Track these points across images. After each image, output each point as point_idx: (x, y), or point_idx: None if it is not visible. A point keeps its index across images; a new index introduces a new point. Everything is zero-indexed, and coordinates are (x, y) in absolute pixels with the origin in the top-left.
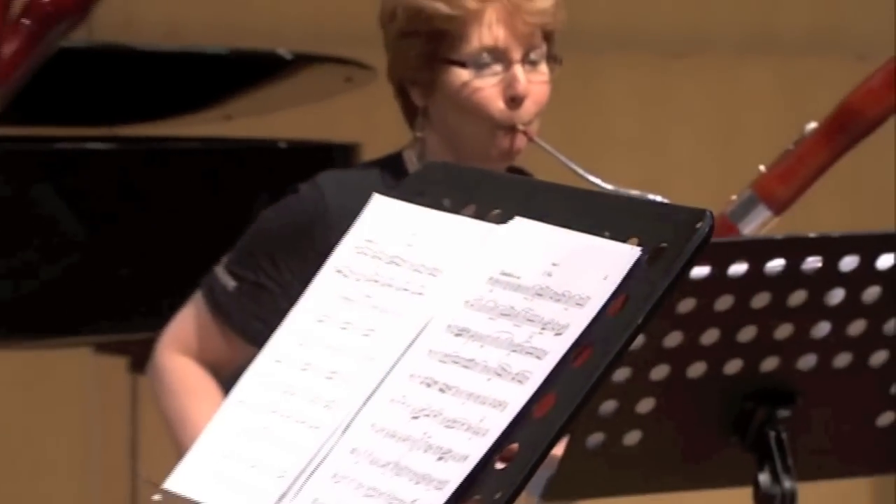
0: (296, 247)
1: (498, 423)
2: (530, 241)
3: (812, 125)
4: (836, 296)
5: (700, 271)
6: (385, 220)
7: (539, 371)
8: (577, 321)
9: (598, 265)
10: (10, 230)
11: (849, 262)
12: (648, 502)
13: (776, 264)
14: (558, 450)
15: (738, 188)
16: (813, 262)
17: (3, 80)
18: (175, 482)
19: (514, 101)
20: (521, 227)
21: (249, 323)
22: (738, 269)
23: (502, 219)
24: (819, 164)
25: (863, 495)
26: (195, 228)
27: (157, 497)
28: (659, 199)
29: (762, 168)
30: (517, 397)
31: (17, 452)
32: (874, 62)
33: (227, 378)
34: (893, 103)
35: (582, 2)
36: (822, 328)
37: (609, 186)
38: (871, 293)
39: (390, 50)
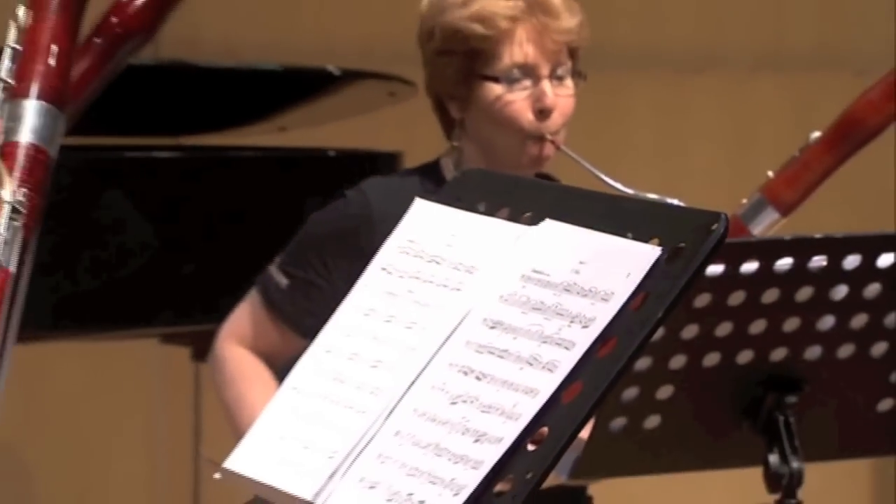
0: (343, 247)
1: (529, 408)
2: (559, 241)
3: (816, 134)
4: (840, 291)
5: (715, 269)
6: (426, 222)
7: (567, 361)
8: (603, 315)
9: (622, 264)
10: (85, 232)
11: (851, 261)
12: (668, 481)
13: (784, 263)
14: (584, 433)
15: (749, 193)
16: (818, 261)
17: (76, 94)
18: (234, 461)
19: (543, 113)
20: (551, 229)
21: (301, 317)
22: (750, 267)
23: (533, 221)
24: (823, 169)
25: (864, 475)
26: (251, 230)
27: (217, 475)
28: (676, 202)
29: (770, 174)
30: (547, 385)
31: (91, 433)
32: (872, 77)
33: (280, 367)
34: (891, 114)
35: (606, 23)
36: (827, 321)
37: (629, 191)
38: (873, 289)
39: (428, 67)
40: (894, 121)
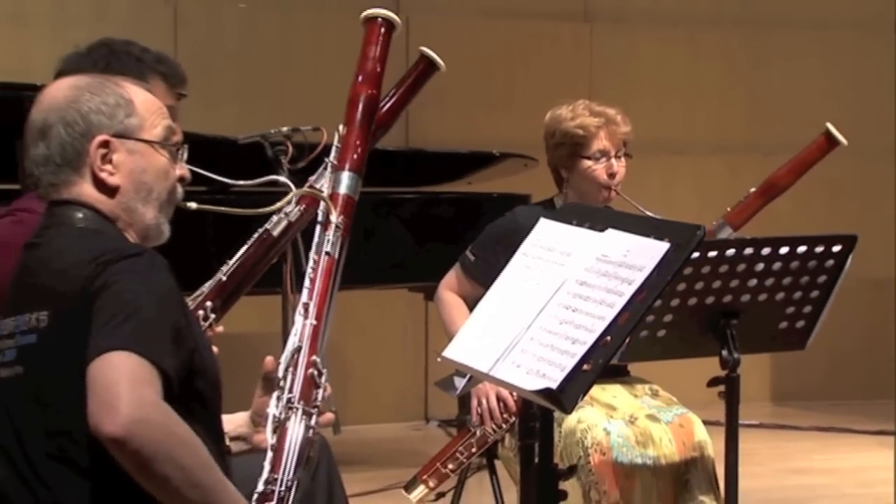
0: (504, 242)
1: (600, 326)
2: (615, 240)
3: (753, 189)
4: (759, 266)
5: (695, 254)
6: (546, 230)
7: (620, 302)
8: (638, 278)
9: (649, 252)
10: (372, 235)
11: (766, 250)
12: (670, 363)
13: (730, 251)
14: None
15: (708, 217)
16: (748, 250)
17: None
18: (447, 352)
19: (611, 175)
20: (611, 233)
21: (482, 277)
22: (713, 253)
23: (602, 229)
24: (755, 208)
25: (766, 360)
26: (453, 234)
27: (438, 359)
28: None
29: (728, 209)
30: (609, 314)
31: (367, 343)
32: (775, 156)
33: (470, 304)
34: (793, 181)
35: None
36: (753, 282)
37: (651, 214)
38: (777, 265)
39: (550, 151)
40: (794, 184)
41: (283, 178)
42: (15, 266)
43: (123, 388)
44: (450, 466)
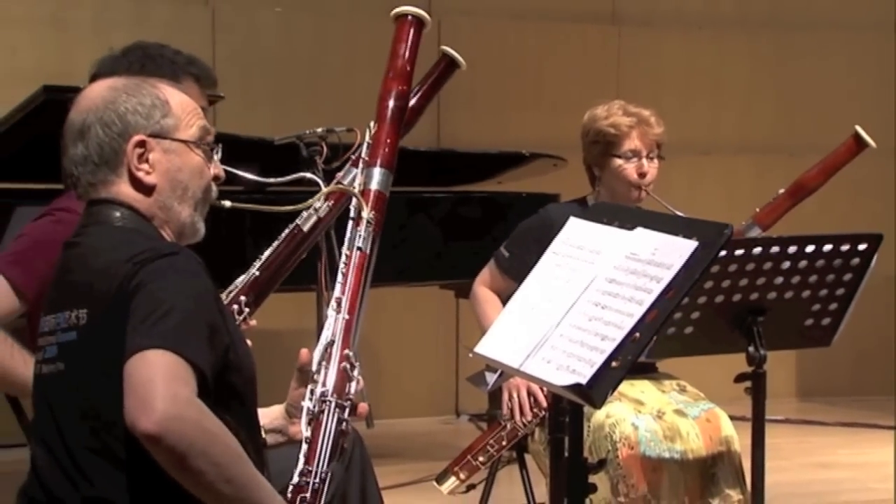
0: (537, 239)
1: (629, 323)
2: (644, 238)
3: (781, 190)
4: (786, 265)
5: (722, 252)
6: (575, 229)
7: (648, 299)
8: (667, 276)
9: (677, 250)
10: (404, 234)
11: (792, 249)
12: (698, 359)
13: (757, 249)
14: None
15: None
16: (775, 248)
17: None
18: (478, 348)
19: (642, 175)
20: (640, 231)
21: (515, 273)
22: (740, 251)
23: (631, 228)
24: (785, 208)
25: (792, 357)
26: (483, 231)
27: (470, 355)
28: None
29: (757, 209)
30: (638, 312)
31: (399, 339)
32: (801, 157)
33: (504, 299)
34: (822, 183)
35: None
36: (779, 280)
37: (682, 213)
38: (803, 263)
39: (585, 149)
40: (823, 185)
41: (310, 175)
42: (55, 264)
43: (159, 386)
44: (480, 459)
